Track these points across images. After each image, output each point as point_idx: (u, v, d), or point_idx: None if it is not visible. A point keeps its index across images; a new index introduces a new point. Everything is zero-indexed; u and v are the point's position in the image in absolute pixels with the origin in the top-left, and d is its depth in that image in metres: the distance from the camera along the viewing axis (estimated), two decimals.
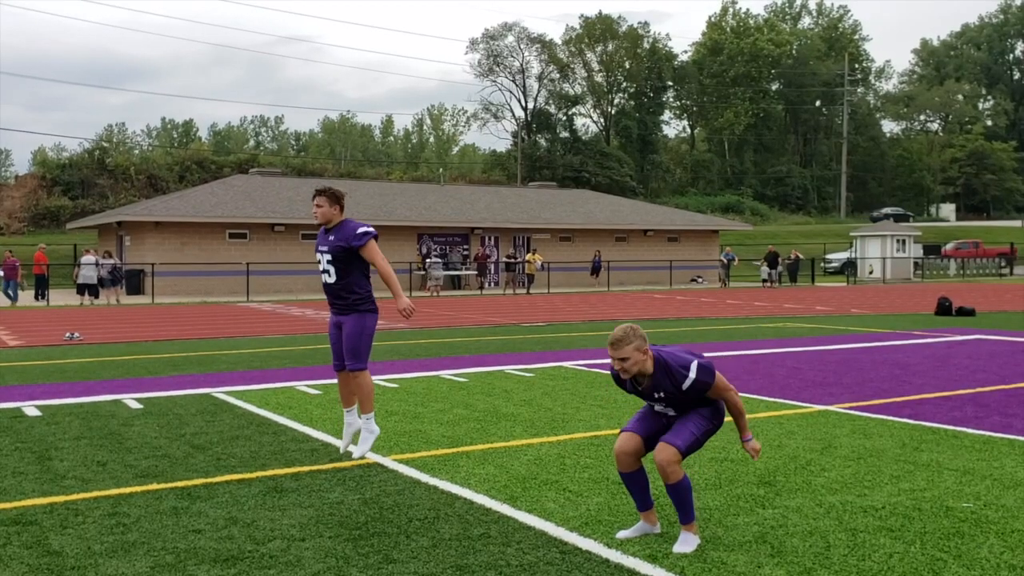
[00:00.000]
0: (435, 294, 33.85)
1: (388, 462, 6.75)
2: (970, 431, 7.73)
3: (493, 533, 5.02)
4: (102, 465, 6.70)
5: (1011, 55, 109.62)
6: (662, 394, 4.87)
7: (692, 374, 4.77)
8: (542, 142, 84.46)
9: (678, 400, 4.89)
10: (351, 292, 6.64)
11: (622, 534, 4.99)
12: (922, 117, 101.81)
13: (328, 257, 6.65)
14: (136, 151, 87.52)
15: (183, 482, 6.18)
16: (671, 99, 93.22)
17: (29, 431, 8.00)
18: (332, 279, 6.70)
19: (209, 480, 6.22)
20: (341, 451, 6.92)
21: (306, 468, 6.56)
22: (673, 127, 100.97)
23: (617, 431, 7.79)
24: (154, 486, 6.08)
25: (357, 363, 6.61)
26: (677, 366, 4.78)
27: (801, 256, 43.40)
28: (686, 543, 4.76)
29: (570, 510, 5.45)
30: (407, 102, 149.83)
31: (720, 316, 22.43)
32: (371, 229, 6.72)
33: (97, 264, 29.59)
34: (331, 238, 6.66)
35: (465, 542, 4.87)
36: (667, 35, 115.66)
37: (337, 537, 4.98)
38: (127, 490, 5.98)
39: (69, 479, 6.29)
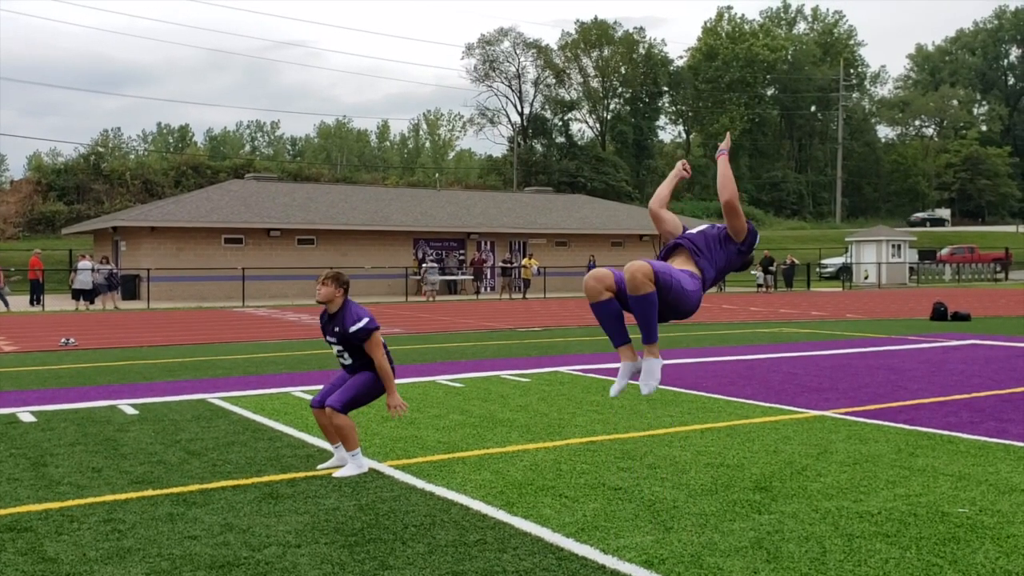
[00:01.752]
0: (431, 299, 33.85)
1: (384, 468, 6.74)
2: (965, 436, 7.74)
3: (489, 539, 5.02)
4: (97, 471, 6.68)
5: (1005, 60, 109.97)
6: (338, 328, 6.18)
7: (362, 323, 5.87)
8: (538, 147, 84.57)
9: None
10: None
11: (614, 389, 5.07)
12: (917, 122, 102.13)
13: (339, 348, 6.62)
14: (132, 156, 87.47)
15: (179, 488, 6.17)
16: (666, 104, 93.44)
17: (24, 437, 7.98)
18: (349, 362, 6.68)
19: (205, 486, 6.21)
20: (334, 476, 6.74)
21: (302, 474, 6.55)
22: (668, 132, 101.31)
23: (614, 437, 7.80)
24: (149, 492, 6.07)
25: (340, 405, 6.44)
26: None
27: (797, 261, 43.47)
28: (650, 374, 4.79)
29: (566, 516, 5.45)
30: (403, 107, 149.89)
31: (716, 321, 22.44)
32: (370, 322, 6.50)
33: (93, 270, 29.55)
34: (336, 329, 6.56)
35: (461, 548, 4.87)
36: (662, 40, 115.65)
37: (333, 543, 4.97)
38: (122, 496, 5.97)
39: (64, 485, 6.28)
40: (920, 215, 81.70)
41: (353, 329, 6.43)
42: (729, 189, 5.02)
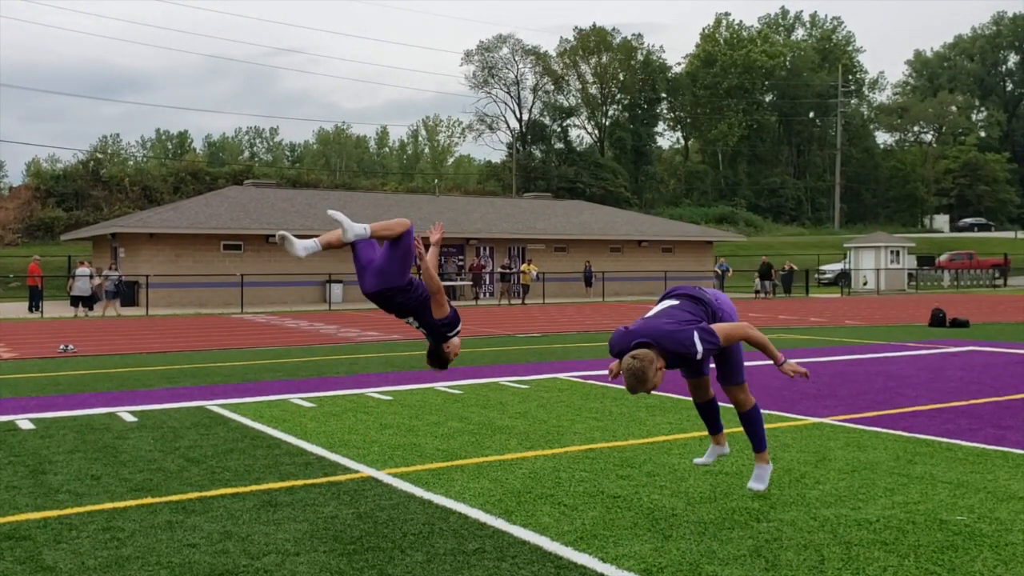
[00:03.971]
0: None
1: (382, 476, 6.74)
2: (964, 443, 7.74)
3: (488, 548, 5.02)
4: (96, 479, 6.68)
5: (1004, 66, 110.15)
6: (683, 368, 5.43)
7: (698, 347, 5.04)
8: (537, 153, 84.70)
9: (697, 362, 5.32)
10: None
11: (698, 461, 5.76)
12: (916, 128, 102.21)
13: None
14: (131, 162, 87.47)
15: (178, 496, 6.17)
16: (665, 111, 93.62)
17: (23, 444, 7.97)
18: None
19: (204, 494, 6.21)
20: None
21: (300, 482, 6.55)
22: (667, 138, 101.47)
23: (613, 444, 7.80)
24: (148, 500, 6.07)
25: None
26: (681, 347, 5.05)
27: (795, 267, 43.50)
28: (760, 479, 5.35)
29: (565, 524, 5.45)
30: (402, 113, 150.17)
31: None
32: None
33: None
34: None
35: (460, 557, 4.87)
36: (661, 47, 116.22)
37: (332, 552, 4.97)
38: (121, 504, 5.97)
39: (63, 493, 6.27)
40: (968, 220, 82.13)
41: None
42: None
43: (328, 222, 5.60)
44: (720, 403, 6.07)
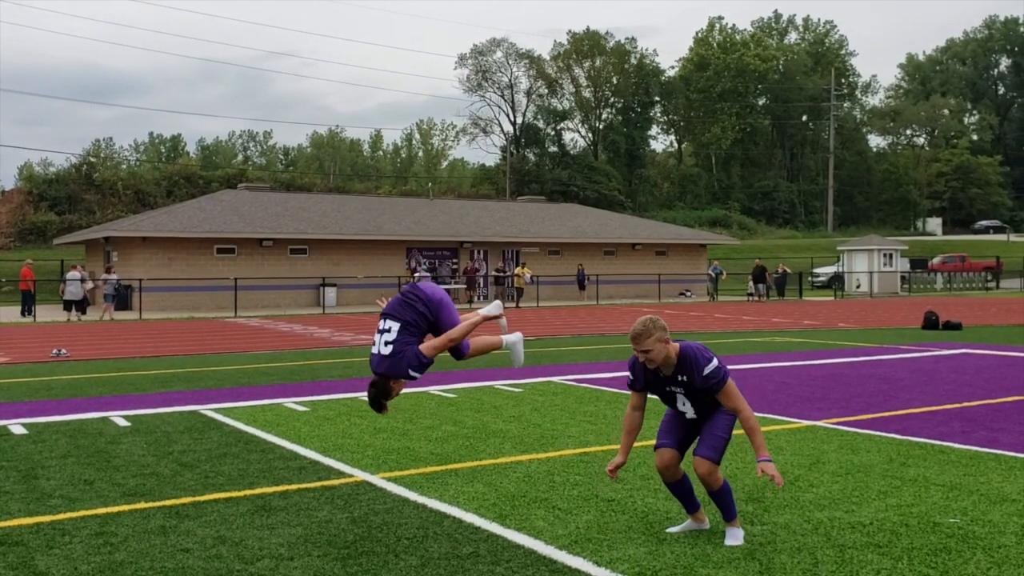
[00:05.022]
0: None
1: (377, 480, 6.73)
2: (957, 446, 7.76)
3: (482, 552, 5.02)
4: (89, 484, 6.66)
5: (995, 70, 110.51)
6: (684, 378, 5.13)
7: (712, 365, 5.09)
8: (531, 156, 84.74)
9: (694, 392, 5.15)
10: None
11: (671, 529, 5.37)
12: (908, 132, 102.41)
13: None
14: (124, 166, 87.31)
15: (171, 501, 6.15)
16: (658, 114, 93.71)
17: (15, 449, 7.95)
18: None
19: (197, 499, 6.20)
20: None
21: (294, 486, 6.54)
22: (660, 142, 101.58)
23: (607, 448, 7.81)
24: (142, 505, 6.06)
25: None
26: (701, 357, 5.11)
27: (788, 270, 43.56)
28: (734, 537, 5.14)
29: (559, 528, 5.45)
30: (396, 117, 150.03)
31: (708, 330, 22.48)
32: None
33: (82, 281, 29.47)
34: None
35: (454, 561, 4.86)
36: (654, 51, 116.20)
37: (326, 556, 4.97)
38: (114, 509, 5.95)
39: (56, 498, 6.25)
40: (984, 223, 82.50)
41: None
42: None
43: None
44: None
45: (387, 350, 5.44)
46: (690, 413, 5.25)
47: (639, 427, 5.39)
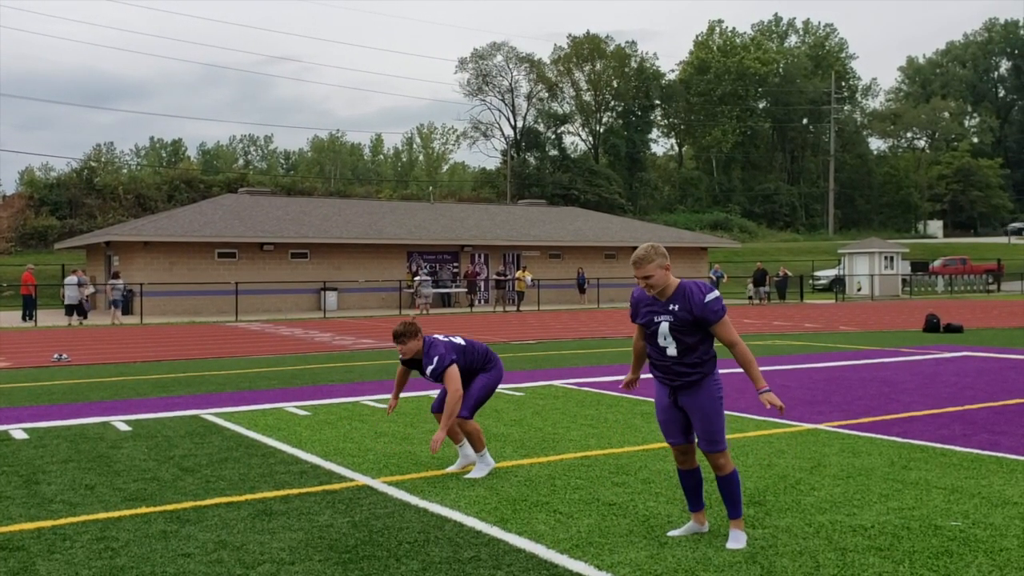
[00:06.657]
0: (425, 312, 33.83)
1: (378, 484, 6.73)
2: (958, 449, 7.76)
3: (483, 556, 5.01)
4: (90, 489, 6.66)
5: (996, 73, 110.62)
6: (676, 307, 5.10)
7: (714, 294, 5.09)
8: (531, 160, 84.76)
9: (682, 325, 5.10)
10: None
11: (673, 533, 5.35)
12: (909, 134, 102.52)
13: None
14: (124, 170, 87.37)
15: (172, 505, 6.15)
16: (659, 117, 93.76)
17: (16, 454, 7.95)
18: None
19: (198, 503, 6.20)
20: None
21: (295, 491, 6.54)
22: (661, 145, 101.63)
23: (609, 451, 7.81)
24: (143, 510, 6.05)
25: (468, 412, 6.91)
26: (702, 286, 5.15)
27: (789, 273, 43.55)
28: (736, 540, 5.12)
29: (560, 532, 5.45)
30: (397, 121, 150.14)
31: None
32: (442, 362, 6.75)
33: (80, 285, 29.47)
34: (427, 372, 6.79)
35: (455, 565, 4.86)
36: (654, 54, 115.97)
37: (327, 560, 4.96)
38: (115, 514, 5.95)
39: (57, 503, 6.25)
40: (1017, 224, 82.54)
41: (433, 370, 6.73)
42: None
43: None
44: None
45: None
46: (672, 349, 5.18)
47: (646, 353, 5.50)
